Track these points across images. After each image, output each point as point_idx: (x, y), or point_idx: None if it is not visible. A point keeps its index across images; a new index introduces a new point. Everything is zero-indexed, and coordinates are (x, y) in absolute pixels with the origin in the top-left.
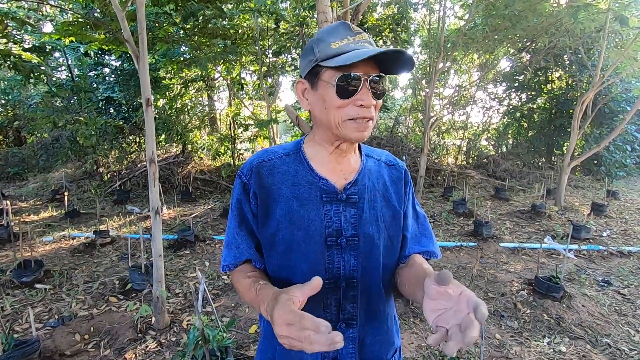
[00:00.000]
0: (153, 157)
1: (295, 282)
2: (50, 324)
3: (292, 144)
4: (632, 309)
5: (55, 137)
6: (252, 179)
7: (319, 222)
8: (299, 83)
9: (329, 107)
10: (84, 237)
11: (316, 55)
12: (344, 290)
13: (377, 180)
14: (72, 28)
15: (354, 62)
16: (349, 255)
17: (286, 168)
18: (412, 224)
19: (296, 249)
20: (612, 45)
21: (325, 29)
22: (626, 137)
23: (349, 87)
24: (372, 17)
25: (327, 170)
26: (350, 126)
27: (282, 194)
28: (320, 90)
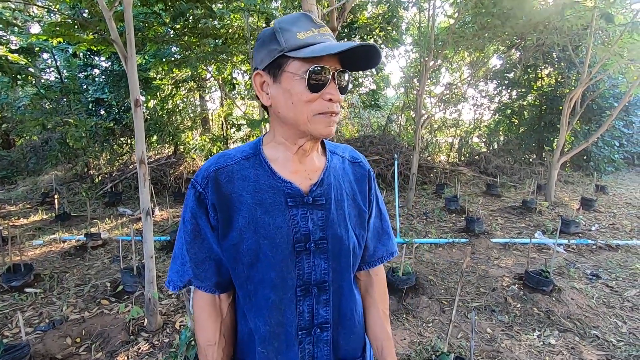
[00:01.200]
0: (143, 158)
1: (264, 293)
2: (41, 328)
3: (250, 146)
4: (620, 301)
5: (45, 140)
6: (208, 188)
7: (286, 229)
8: (256, 75)
9: (297, 101)
10: (74, 240)
11: (282, 45)
12: (316, 295)
13: (342, 178)
14: (60, 29)
15: (322, 56)
16: (319, 259)
17: (246, 173)
18: (376, 222)
19: (263, 259)
20: (599, 42)
21: (286, 18)
22: (614, 133)
23: (319, 80)
24: (363, 16)
25: (290, 172)
26: (319, 121)
27: (243, 201)
28: (285, 83)
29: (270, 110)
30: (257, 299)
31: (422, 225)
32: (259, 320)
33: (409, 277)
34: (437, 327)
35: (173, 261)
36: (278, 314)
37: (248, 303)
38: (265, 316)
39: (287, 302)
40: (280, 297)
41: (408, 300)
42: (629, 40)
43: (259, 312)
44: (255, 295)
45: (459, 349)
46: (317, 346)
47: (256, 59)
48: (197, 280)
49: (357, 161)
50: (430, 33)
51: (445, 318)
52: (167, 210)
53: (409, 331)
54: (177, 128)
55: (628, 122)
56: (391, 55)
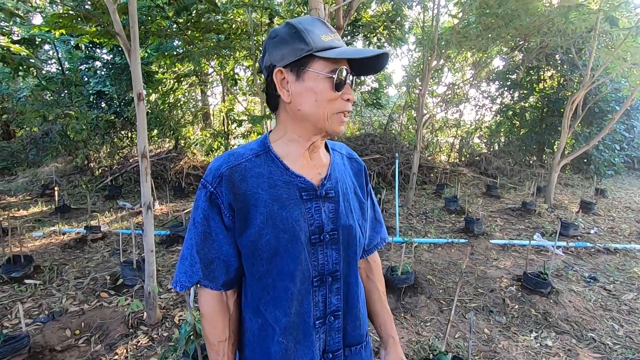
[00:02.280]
0: (145, 152)
1: (284, 285)
2: (40, 320)
3: (257, 144)
4: (617, 304)
5: (45, 131)
6: (221, 187)
7: (303, 222)
8: (278, 72)
9: (322, 99)
10: (74, 232)
11: (310, 45)
12: (330, 284)
13: (344, 173)
14: (63, 20)
15: (343, 58)
16: (331, 250)
17: (259, 170)
18: (370, 212)
19: (283, 252)
20: (602, 45)
21: (305, 20)
22: (615, 137)
23: (341, 81)
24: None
25: (301, 168)
26: (337, 119)
27: (260, 198)
28: (309, 81)
29: (287, 107)
30: (276, 291)
31: (422, 225)
32: (278, 311)
33: (407, 276)
34: (435, 327)
35: (181, 262)
36: (297, 304)
37: (266, 296)
38: (285, 307)
39: (305, 293)
40: (299, 288)
41: (407, 300)
42: (632, 44)
43: (278, 304)
44: (274, 287)
45: (457, 348)
46: (330, 334)
47: (274, 55)
48: (206, 280)
49: (353, 157)
50: (434, 32)
51: (443, 318)
52: (167, 205)
53: (407, 330)
54: (178, 122)
55: (629, 126)
56: (394, 54)
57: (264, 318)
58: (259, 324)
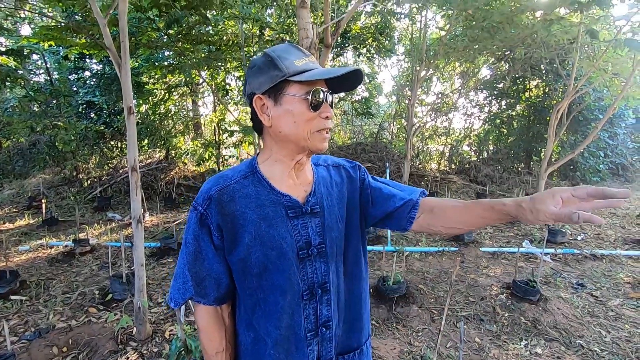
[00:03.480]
0: (135, 165)
1: (274, 299)
2: (26, 337)
3: (245, 166)
4: (604, 310)
5: (33, 142)
6: (210, 209)
7: (290, 238)
8: (257, 99)
9: (300, 120)
10: (62, 245)
11: (284, 71)
12: (320, 296)
13: (330, 185)
14: (52, 32)
15: (318, 79)
16: (319, 263)
17: (247, 191)
18: (391, 189)
19: (272, 268)
20: (584, 56)
21: (279, 48)
22: (599, 144)
23: (317, 101)
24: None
25: (287, 187)
26: (317, 137)
27: (247, 217)
28: (287, 105)
29: (269, 131)
30: (267, 305)
31: (413, 234)
32: (269, 325)
33: (399, 286)
34: (427, 337)
35: (175, 279)
36: (288, 317)
37: (258, 310)
38: (276, 320)
39: (295, 306)
40: (289, 302)
41: (398, 310)
42: (612, 55)
43: (269, 317)
44: (265, 301)
45: (448, 358)
46: (322, 345)
47: (253, 84)
48: (198, 296)
49: (339, 165)
50: (422, 44)
51: (435, 327)
52: (157, 216)
53: (399, 340)
54: (168, 132)
55: (612, 134)
56: (383, 65)
57: (256, 332)
58: (252, 337)
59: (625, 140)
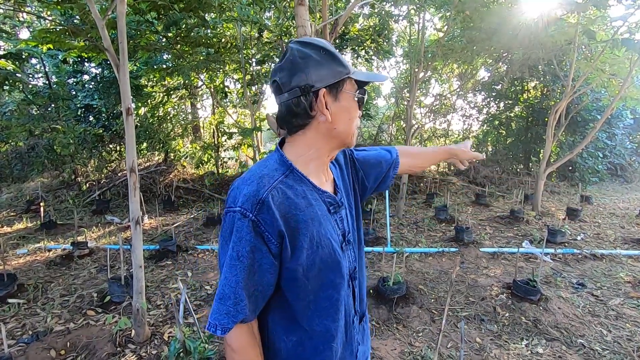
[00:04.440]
0: (134, 166)
1: (327, 295)
2: (24, 340)
3: (277, 164)
4: (605, 309)
5: (31, 146)
6: (264, 214)
7: (335, 234)
8: (322, 93)
9: (353, 117)
10: (60, 249)
11: (348, 68)
12: (353, 282)
13: (339, 177)
14: (50, 35)
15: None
16: (351, 251)
17: (294, 191)
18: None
19: (324, 267)
20: (581, 57)
21: (324, 42)
22: (598, 145)
23: (361, 100)
24: (355, 28)
25: (321, 183)
26: (355, 134)
27: (299, 219)
28: (344, 101)
29: (321, 126)
30: (319, 302)
31: (413, 235)
32: (327, 320)
33: (399, 286)
34: (428, 337)
35: (221, 302)
36: (342, 307)
37: (308, 311)
38: (333, 314)
39: (346, 297)
40: (342, 293)
41: (398, 310)
42: (610, 55)
43: (326, 313)
44: (316, 301)
45: (449, 358)
46: (358, 324)
47: (312, 75)
48: (251, 316)
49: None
50: (420, 45)
51: (435, 327)
52: (156, 219)
53: (399, 341)
54: (167, 135)
55: (611, 134)
56: (382, 66)
57: (300, 334)
58: (294, 341)
59: (623, 141)
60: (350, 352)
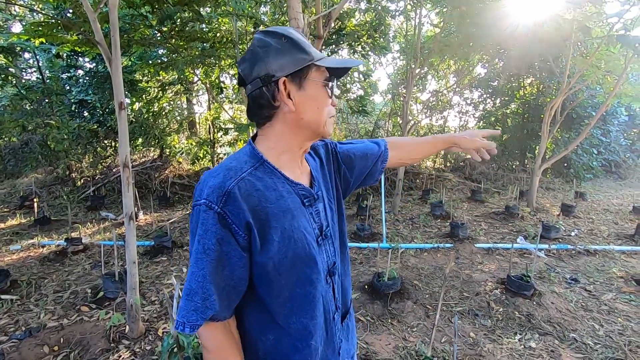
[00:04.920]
0: (127, 161)
1: (304, 291)
2: (17, 336)
3: (248, 156)
4: (597, 304)
5: (25, 142)
6: (230, 206)
7: (310, 227)
8: (283, 82)
9: (322, 106)
10: (54, 245)
11: (311, 55)
12: (334, 277)
13: (317, 170)
14: (42, 29)
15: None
16: (329, 245)
17: (263, 183)
18: (362, 150)
19: (298, 261)
20: (577, 53)
21: (289, 30)
22: (592, 141)
23: (332, 88)
24: (351, 23)
25: (296, 175)
26: (329, 123)
27: (270, 212)
28: (310, 90)
29: (287, 117)
30: (296, 300)
31: (408, 231)
32: (304, 317)
33: (394, 282)
34: (422, 332)
35: (189, 298)
36: (321, 305)
37: (284, 309)
38: (311, 311)
39: (324, 292)
40: (319, 289)
41: (393, 305)
42: (605, 52)
43: (303, 311)
44: (291, 298)
45: (443, 353)
46: (338, 320)
47: (271, 65)
48: (222, 312)
49: (314, 146)
50: (416, 41)
51: (429, 322)
52: (151, 215)
53: (394, 336)
54: (163, 131)
55: (605, 131)
56: (378, 62)
57: (277, 332)
58: (271, 340)
59: (618, 138)
60: (332, 349)
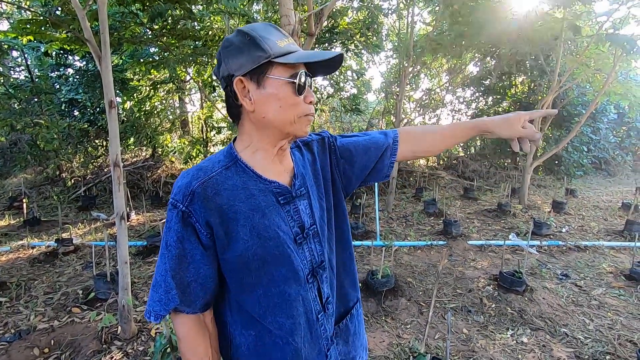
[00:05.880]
0: (117, 160)
1: (280, 290)
2: (6, 339)
3: (223, 156)
4: (587, 299)
5: (14, 141)
6: (195, 205)
7: (285, 225)
8: (237, 81)
9: (286, 104)
10: (44, 246)
11: (268, 52)
12: (320, 275)
13: (304, 166)
14: (31, 26)
15: (301, 62)
16: (314, 244)
17: (232, 182)
18: (365, 143)
19: (271, 260)
20: (567, 52)
21: (257, 26)
22: (582, 139)
23: (302, 84)
24: (344, 21)
25: (272, 173)
26: (302, 122)
27: (237, 210)
28: (271, 88)
29: (249, 116)
30: (271, 298)
31: (402, 228)
32: (280, 317)
33: (388, 279)
34: (415, 329)
35: (154, 289)
36: (299, 305)
37: (259, 307)
38: (286, 310)
39: (303, 292)
40: (296, 289)
41: (387, 303)
42: (595, 51)
43: (279, 309)
44: (266, 296)
45: (436, 349)
46: (328, 321)
47: (231, 64)
48: (184, 305)
49: (308, 142)
50: (409, 40)
51: (423, 319)
52: (143, 215)
53: (387, 333)
54: (155, 130)
55: (595, 129)
56: (372, 61)
57: (258, 328)
58: (253, 335)
59: (607, 135)
60: (318, 351)
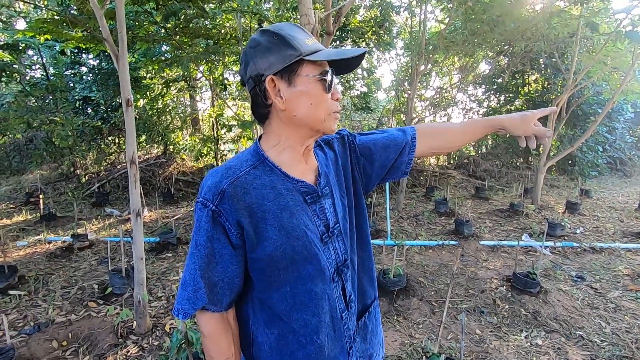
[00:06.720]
0: (134, 158)
1: (307, 288)
2: (26, 331)
3: (250, 155)
4: (603, 302)
5: (29, 138)
6: (224, 204)
7: (312, 225)
8: (270, 80)
9: (316, 102)
10: (60, 241)
11: (299, 50)
12: (344, 274)
13: (327, 165)
14: (47, 25)
15: (329, 60)
16: (338, 242)
17: (261, 181)
18: (383, 140)
19: (299, 259)
20: (584, 50)
21: (283, 26)
22: (597, 138)
23: (330, 82)
24: (355, 20)
25: (299, 172)
26: (331, 119)
27: (266, 210)
28: (302, 86)
29: (280, 115)
30: (297, 296)
31: (413, 228)
32: (305, 314)
33: (399, 279)
34: (428, 329)
35: (183, 288)
36: (325, 303)
37: (285, 305)
38: (312, 308)
39: (329, 291)
40: (322, 287)
41: (399, 302)
42: (612, 48)
43: (304, 308)
44: (293, 294)
45: (449, 350)
46: (351, 319)
47: (260, 64)
48: (211, 304)
49: (329, 140)
50: (421, 37)
51: (435, 319)
52: (156, 211)
53: (399, 333)
54: (166, 128)
55: (611, 128)
56: (383, 59)
57: (282, 327)
58: (276, 334)
59: (623, 135)
60: (341, 348)
